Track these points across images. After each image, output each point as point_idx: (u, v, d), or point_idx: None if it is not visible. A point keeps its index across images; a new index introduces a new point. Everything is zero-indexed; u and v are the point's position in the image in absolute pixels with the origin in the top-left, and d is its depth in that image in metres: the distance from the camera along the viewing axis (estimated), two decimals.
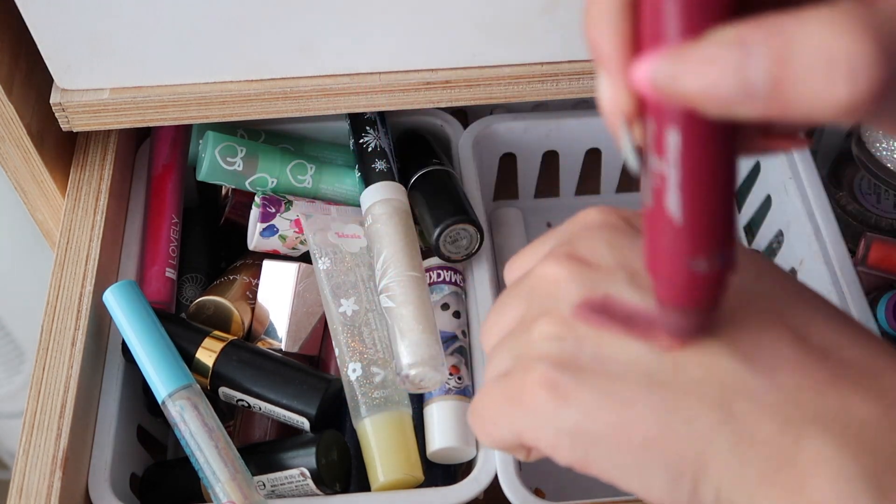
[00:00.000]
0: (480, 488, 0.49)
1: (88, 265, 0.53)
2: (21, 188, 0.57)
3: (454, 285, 0.56)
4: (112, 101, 0.52)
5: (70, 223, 0.55)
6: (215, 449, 0.48)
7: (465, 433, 0.51)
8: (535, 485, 0.58)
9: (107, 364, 0.53)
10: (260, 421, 0.55)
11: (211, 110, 0.53)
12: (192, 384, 0.50)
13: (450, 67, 0.52)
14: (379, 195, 0.56)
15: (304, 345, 0.56)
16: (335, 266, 0.55)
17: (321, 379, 0.52)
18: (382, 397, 0.51)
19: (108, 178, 0.57)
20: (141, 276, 0.57)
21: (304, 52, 0.51)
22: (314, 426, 0.51)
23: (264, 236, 0.57)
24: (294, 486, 0.49)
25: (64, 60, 0.50)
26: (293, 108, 0.53)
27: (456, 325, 0.55)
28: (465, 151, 0.62)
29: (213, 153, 0.57)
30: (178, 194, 0.60)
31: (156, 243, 0.58)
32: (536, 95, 0.54)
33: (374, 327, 0.53)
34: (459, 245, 0.56)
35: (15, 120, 0.52)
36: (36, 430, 0.47)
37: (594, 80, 0.53)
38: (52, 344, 0.50)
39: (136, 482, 0.53)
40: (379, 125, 0.60)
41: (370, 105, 0.53)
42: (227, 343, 0.52)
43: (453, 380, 0.52)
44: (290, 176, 0.59)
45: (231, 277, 0.58)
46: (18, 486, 0.46)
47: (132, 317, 0.50)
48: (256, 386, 0.51)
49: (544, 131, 0.64)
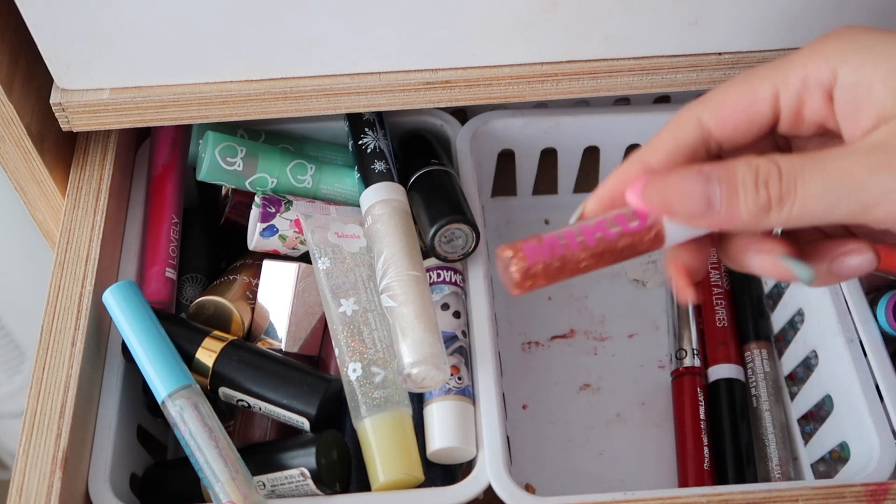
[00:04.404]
0: (480, 488, 0.49)
1: (88, 265, 0.53)
2: (21, 188, 0.57)
3: (454, 285, 0.56)
4: (112, 101, 0.52)
5: (70, 223, 0.55)
6: (215, 449, 0.48)
7: (465, 433, 0.51)
8: (525, 480, 0.58)
9: (107, 364, 0.53)
10: (260, 421, 0.55)
11: (211, 110, 0.53)
12: (192, 384, 0.50)
13: (450, 67, 0.53)
14: (379, 196, 0.56)
15: (304, 345, 0.57)
16: (335, 266, 0.55)
17: (321, 379, 0.52)
18: (382, 397, 0.51)
19: (108, 178, 0.57)
20: (141, 276, 0.57)
21: (304, 52, 0.51)
22: (314, 426, 0.51)
23: (264, 236, 0.57)
24: (294, 486, 0.49)
25: (64, 60, 0.50)
26: (293, 108, 0.53)
27: (456, 325, 0.55)
28: (462, 148, 0.62)
29: (213, 153, 0.57)
30: (178, 194, 0.60)
31: (156, 243, 0.58)
32: (536, 95, 0.54)
33: (374, 327, 0.53)
34: (455, 245, 0.56)
35: (15, 120, 0.52)
36: (36, 430, 0.47)
37: (594, 80, 0.54)
38: (52, 344, 0.50)
39: (136, 482, 0.53)
40: (377, 126, 0.60)
41: (370, 105, 0.53)
42: (227, 343, 0.52)
43: (453, 380, 0.52)
44: (290, 176, 0.59)
45: (231, 277, 0.58)
46: (18, 486, 0.46)
47: (132, 317, 0.50)
48: (256, 386, 0.51)
49: (543, 128, 0.64)
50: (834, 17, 0.51)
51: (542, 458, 0.60)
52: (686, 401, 0.60)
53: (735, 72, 0.53)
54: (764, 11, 0.51)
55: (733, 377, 0.60)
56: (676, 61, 0.53)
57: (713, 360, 0.61)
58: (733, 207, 0.34)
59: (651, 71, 0.53)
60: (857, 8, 0.51)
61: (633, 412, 0.62)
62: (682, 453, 0.59)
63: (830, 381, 0.56)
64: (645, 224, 0.35)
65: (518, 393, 0.62)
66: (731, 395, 0.60)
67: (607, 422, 0.61)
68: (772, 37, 0.52)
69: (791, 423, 0.60)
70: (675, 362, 0.62)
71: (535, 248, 0.34)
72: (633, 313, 0.66)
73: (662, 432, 0.61)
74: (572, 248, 0.35)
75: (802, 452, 0.59)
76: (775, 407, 0.59)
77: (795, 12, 0.51)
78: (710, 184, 0.34)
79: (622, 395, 0.62)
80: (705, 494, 0.48)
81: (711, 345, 0.62)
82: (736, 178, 0.34)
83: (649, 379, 0.63)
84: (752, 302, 0.63)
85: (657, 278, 0.67)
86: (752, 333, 0.62)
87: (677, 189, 0.34)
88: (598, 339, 0.65)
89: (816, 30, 0.52)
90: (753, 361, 0.61)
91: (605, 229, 0.35)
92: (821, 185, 0.33)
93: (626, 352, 0.64)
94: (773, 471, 0.57)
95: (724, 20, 0.51)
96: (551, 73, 0.53)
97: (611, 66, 0.53)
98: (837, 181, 0.33)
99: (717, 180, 0.34)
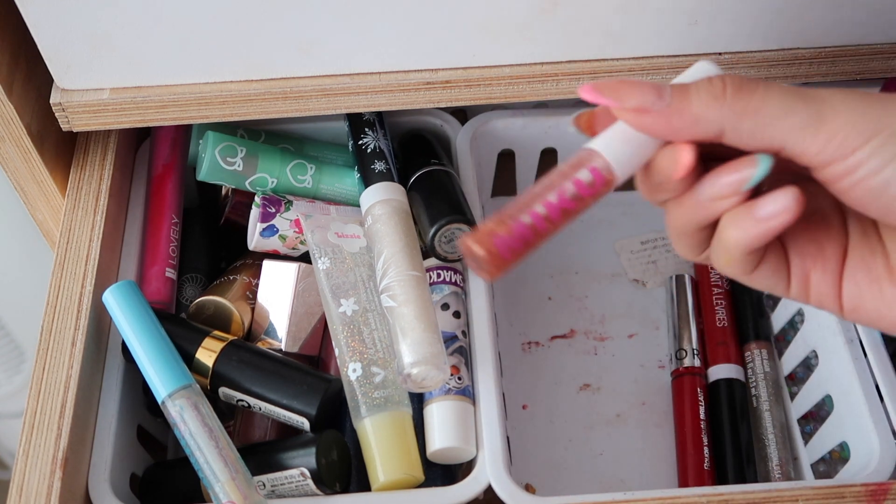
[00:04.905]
0: (480, 488, 0.49)
1: (88, 265, 0.53)
2: (21, 188, 0.57)
3: (454, 285, 0.56)
4: (112, 101, 0.52)
5: (70, 223, 0.55)
6: (215, 449, 0.48)
7: (465, 433, 0.51)
8: (525, 480, 0.58)
9: (107, 364, 0.53)
10: (260, 421, 0.55)
11: (211, 110, 0.53)
12: (192, 384, 0.50)
13: (450, 67, 0.53)
14: (379, 196, 0.56)
15: (304, 345, 0.57)
16: (335, 266, 0.55)
17: (321, 379, 0.52)
18: (382, 397, 0.51)
19: (108, 178, 0.57)
20: (141, 276, 0.57)
21: (304, 51, 0.51)
22: (314, 426, 0.51)
23: (264, 236, 0.57)
24: (294, 486, 0.49)
25: (64, 60, 0.50)
26: (293, 108, 0.53)
27: (456, 325, 0.55)
28: (462, 148, 0.62)
29: (213, 153, 0.57)
30: (178, 194, 0.60)
31: (156, 243, 0.58)
32: (536, 95, 0.54)
33: (374, 327, 0.53)
34: (455, 245, 0.56)
35: (15, 120, 0.52)
36: (36, 430, 0.47)
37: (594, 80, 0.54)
38: (52, 344, 0.50)
39: (136, 482, 0.53)
40: (377, 126, 0.60)
41: (370, 105, 0.53)
42: (227, 343, 0.52)
43: (453, 380, 0.52)
44: (290, 176, 0.59)
45: (231, 277, 0.58)
46: (18, 486, 0.46)
47: (132, 317, 0.50)
48: (256, 386, 0.51)
49: (543, 128, 0.64)
50: (834, 17, 0.51)
51: (542, 458, 0.60)
52: (686, 401, 0.60)
53: (735, 72, 0.53)
54: (764, 11, 0.51)
55: (733, 377, 0.60)
56: (676, 61, 0.53)
57: (713, 360, 0.61)
58: (684, 97, 0.35)
59: (651, 71, 0.53)
60: (856, 8, 0.51)
61: (633, 412, 0.62)
62: (682, 453, 0.59)
63: (830, 381, 0.56)
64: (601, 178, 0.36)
65: (518, 393, 0.62)
66: (731, 396, 0.60)
67: (607, 422, 0.61)
68: (772, 37, 0.52)
69: (791, 423, 0.60)
70: (675, 362, 0.62)
71: (507, 242, 0.35)
72: (633, 313, 0.66)
73: (662, 432, 0.61)
74: (539, 227, 0.35)
75: (802, 452, 0.59)
76: (775, 407, 0.59)
77: (795, 12, 0.51)
78: (664, 86, 0.35)
79: (622, 395, 0.62)
80: (705, 494, 0.48)
81: (711, 345, 0.62)
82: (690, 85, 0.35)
83: (649, 379, 0.63)
84: (752, 302, 0.63)
85: (657, 278, 0.67)
86: (752, 333, 0.62)
87: (630, 84, 0.35)
88: (598, 339, 0.65)
89: (816, 30, 0.52)
90: (753, 361, 0.61)
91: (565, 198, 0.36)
92: (785, 90, 0.34)
93: (626, 352, 0.64)
94: (773, 471, 0.57)
95: (724, 20, 0.51)
96: (551, 73, 0.53)
97: (611, 66, 0.53)
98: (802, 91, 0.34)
99: (671, 86, 0.35)
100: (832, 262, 0.38)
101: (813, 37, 0.52)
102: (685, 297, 0.64)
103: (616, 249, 0.69)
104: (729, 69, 0.53)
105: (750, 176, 0.35)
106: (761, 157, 0.35)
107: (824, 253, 0.38)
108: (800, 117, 0.34)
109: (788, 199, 0.34)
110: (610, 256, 0.68)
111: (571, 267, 0.68)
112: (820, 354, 0.57)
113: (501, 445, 0.50)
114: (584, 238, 0.69)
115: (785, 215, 0.34)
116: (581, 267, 0.68)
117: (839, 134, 0.33)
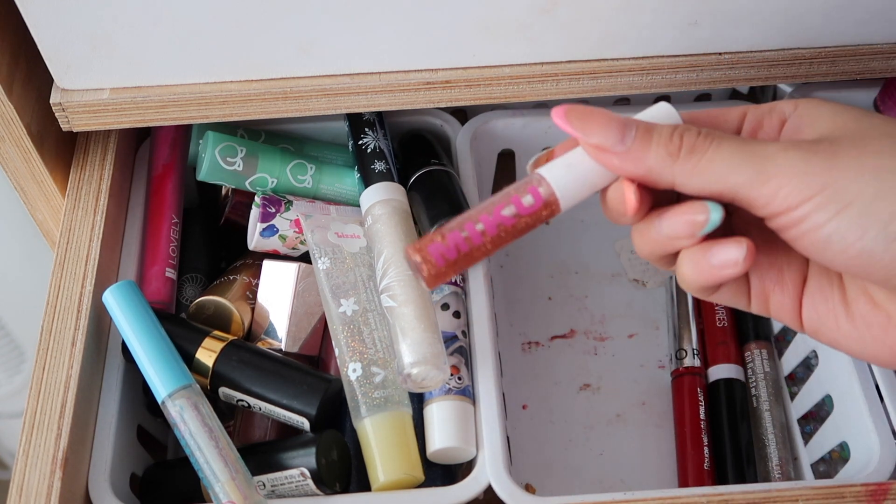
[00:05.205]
0: (480, 488, 0.49)
1: (88, 265, 0.53)
2: (21, 188, 0.57)
3: (454, 285, 0.56)
4: (112, 101, 0.52)
5: (70, 223, 0.55)
6: (215, 449, 0.48)
7: (465, 433, 0.51)
8: (525, 480, 0.58)
9: (107, 364, 0.53)
10: (260, 421, 0.55)
11: (211, 110, 0.53)
12: (192, 384, 0.50)
13: (450, 67, 0.53)
14: (379, 196, 0.56)
15: (304, 345, 0.57)
16: (335, 266, 0.55)
17: (321, 379, 0.52)
18: (382, 397, 0.51)
19: (108, 178, 0.57)
20: (141, 276, 0.57)
21: (304, 51, 0.51)
22: (314, 426, 0.51)
23: (264, 236, 0.57)
24: (294, 486, 0.49)
25: (64, 60, 0.50)
26: (293, 108, 0.53)
27: (456, 325, 0.55)
28: (462, 148, 0.62)
29: (213, 153, 0.57)
30: (178, 194, 0.60)
31: (156, 243, 0.58)
32: (536, 95, 0.54)
33: (374, 327, 0.53)
34: None
35: (15, 120, 0.52)
36: (36, 430, 0.47)
37: (594, 80, 0.54)
38: (52, 344, 0.50)
39: (136, 482, 0.53)
40: (377, 126, 0.60)
41: (370, 105, 0.53)
42: (227, 343, 0.52)
43: (453, 380, 0.52)
44: (290, 176, 0.59)
45: (231, 277, 0.58)
46: (18, 486, 0.46)
47: (132, 317, 0.50)
48: (256, 386, 0.51)
49: (543, 128, 0.64)
50: (834, 17, 0.51)
51: (542, 458, 0.60)
52: (686, 401, 0.60)
53: (735, 72, 0.53)
54: (764, 11, 0.51)
55: (733, 377, 0.60)
56: (676, 61, 0.53)
57: (713, 360, 0.61)
58: (643, 147, 0.37)
59: (651, 71, 0.53)
60: (856, 8, 0.51)
61: (633, 412, 0.62)
62: (682, 453, 0.59)
63: (830, 381, 0.56)
64: (541, 201, 0.37)
65: (518, 393, 0.62)
66: (731, 396, 0.60)
67: (607, 422, 0.61)
68: (772, 37, 0.52)
69: (791, 423, 0.60)
70: (675, 362, 0.62)
71: (440, 249, 0.37)
72: (633, 313, 0.66)
73: (662, 432, 0.61)
74: (475, 240, 0.37)
75: (802, 452, 0.59)
76: (775, 407, 0.59)
77: (795, 12, 0.51)
78: (629, 126, 0.37)
79: (622, 395, 0.62)
80: (705, 494, 0.48)
81: (711, 345, 0.62)
82: (653, 129, 0.37)
83: (649, 379, 0.63)
84: None
85: (657, 278, 0.67)
86: (752, 333, 0.62)
87: (599, 118, 0.37)
88: (598, 339, 0.65)
89: (816, 30, 0.52)
90: (753, 361, 0.61)
91: (502, 216, 0.37)
92: (734, 149, 0.36)
93: (626, 352, 0.64)
94: (773, 471, 0.57)
95: (724, 20, 0.51)
96: (551, 73, 0.53)
97: (611, 66, 0.53)
98: (750, 149, 0.36)
99: (635, 126, 0.37)
100: (791, 287, 0.40)
101: (813, 37, 0.52)
102: (685, 296, 0.64)
103: (616, 249, 0.69)
104: (729, 69, 0.53)
105: (704, 222, 0.37)
106: (713, 206, 0.37)
107: (783, 278, 0.40)
108: (745, 176, 0.36)
109: (739, 253, 0.36)
110: (610, 256, 0.68)
111: (571, 267, 0.68)
112: (820, 354, 0.57)
113: (501, 445, 0.50)
114: (584, 238, 0.69)
115: (734, 268, 0.37)
116: (581, 267, 0.68)
117: (782, 190, 0.35)
